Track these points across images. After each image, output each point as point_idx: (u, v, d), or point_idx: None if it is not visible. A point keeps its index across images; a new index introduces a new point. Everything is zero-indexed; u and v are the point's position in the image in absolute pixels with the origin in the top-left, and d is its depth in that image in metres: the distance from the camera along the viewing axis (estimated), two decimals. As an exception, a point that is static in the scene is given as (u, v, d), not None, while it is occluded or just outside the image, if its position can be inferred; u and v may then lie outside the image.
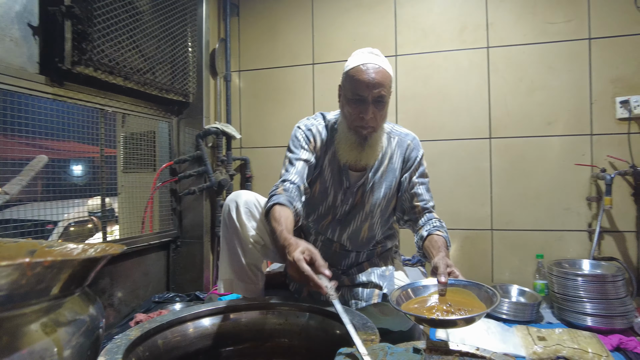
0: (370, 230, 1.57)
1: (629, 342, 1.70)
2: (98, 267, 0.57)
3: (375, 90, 1.35)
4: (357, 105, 1.38)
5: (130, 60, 2.01)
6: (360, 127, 1.40)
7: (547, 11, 2.38)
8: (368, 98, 1.35)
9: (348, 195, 1.53)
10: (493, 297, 1.06)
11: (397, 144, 1.57)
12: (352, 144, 1.44)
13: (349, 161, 1.46)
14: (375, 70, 1.35)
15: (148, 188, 2.40)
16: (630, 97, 2.24)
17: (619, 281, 1.91)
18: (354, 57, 1.43)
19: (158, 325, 1.23)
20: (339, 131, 1.50)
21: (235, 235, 1.51)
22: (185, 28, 2.44)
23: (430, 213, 1.49)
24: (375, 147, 1.47)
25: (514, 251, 2.42)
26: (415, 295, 1.19)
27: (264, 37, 2.85)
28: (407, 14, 2.60)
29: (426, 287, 1.20)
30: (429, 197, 1.52)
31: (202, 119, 2.57)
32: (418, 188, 1.52)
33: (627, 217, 2.27)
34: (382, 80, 1.36)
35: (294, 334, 1.36)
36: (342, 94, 1.45)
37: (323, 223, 1.58)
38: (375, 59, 1.39)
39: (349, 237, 1.57)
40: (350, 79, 1.38)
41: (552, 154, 2.37)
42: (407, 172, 1.55)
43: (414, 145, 1.58)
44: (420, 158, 1.57)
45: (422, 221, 1.47)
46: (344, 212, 1.55)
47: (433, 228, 1.41)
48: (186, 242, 2.56)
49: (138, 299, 2.25)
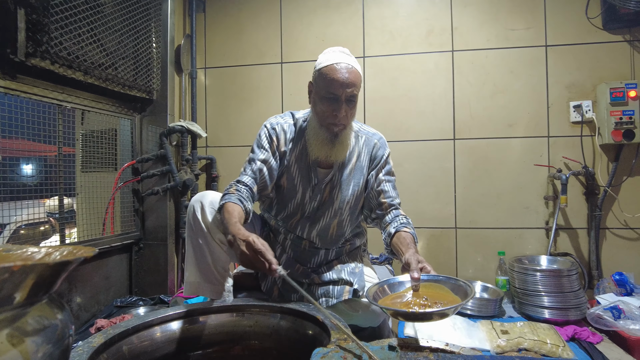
0: (339, 228, 1.59)
1: (583, 332, 1.79)
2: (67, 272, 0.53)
3: (349, 89, 1.38)
4: (330, 103, 1.41)
5: (91, 55, 1.92)
6: (333, 124, 1.44)
7: (508, 18, 2.48)
8: (341, 97, 1.39)
9: (316, 192, 1.55)
10: (467, 289, 1.09)
11: (364, 143, 1.60)
12: (323, 140, 1.47)
13: (320, 157, 1.49)
14: (349, 70, 1.39)
15: (109, 188, 2.30)
16: (582, 102, 2.37)
17: (573, 275, 2.01)
18: (326, 55, 1.46)
19: (123, 330, 1.18)
20: (309, 128, 1.52)
21: (201, 236, 1.47)
22: (150, 23, 2.36)
23: (397, 210, 1.53)
24: (345, 144, 1.50)
25: (477, 249, 2.51)
26: (391, 291, 1.21)
27: (231, 35, 2.80)
28: (375, 16, 2.63)
29: (402, 283, 1.22)
30: (395, 194, 1.56)
31: (166, 117, 2.49)
32: (384, 185, 1.55)
33: (579, 215, 2.40)
34: (354, 80, 1.40)
35: (265, 335, 1.35)
36: (314, 91, 1.47)
37: (292, 221, 1.58)
38: (347, 59, 1.42)
39: (318, 234, 1.57)
40: (323, 77, 1.40)
41: (513, 155, 2.47)
42: (373, 169, 1.59)
43: (381, 144, 1.62)
44: (387, 156, 1.61)
45: (389, 218, 1.50)
46: (312, 209, 1.56)
47: (400, 225, 1.44)
48: (149, 244, 2.47)
49: (99, 304, 2.16)
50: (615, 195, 2.36)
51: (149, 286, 2.45)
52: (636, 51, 2.35)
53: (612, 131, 2.26)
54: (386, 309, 1.07)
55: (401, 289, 1.21)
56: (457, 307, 1.02)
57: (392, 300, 1.16)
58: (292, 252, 1.60)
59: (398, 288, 1.22)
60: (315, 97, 1.47)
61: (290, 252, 1.61)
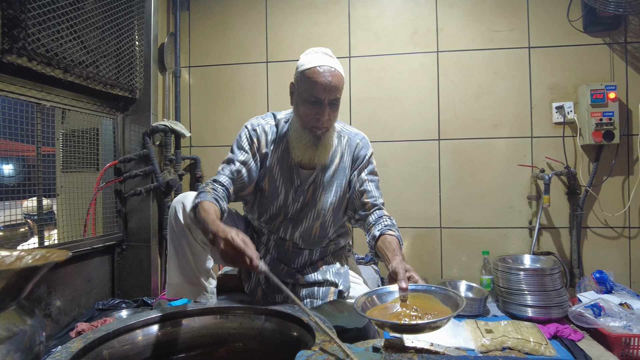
0: (322, 229, 1.58)
1: (564, 330, 1.83)
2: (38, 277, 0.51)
3: (332, 93, 1.38)
4: (313, 106, 1.40)
5: (71, 52, 1.87)
6: (316, 127, 1.43)
7: (492, 19, 2.50)
8: (324, 101, 1.39)
9: (299, 193, 1.54)
10: (458, 300, 1.07)
11: (347, 143, 1.60)
12: (306, 143, 1.46)
13: (303, 160, 1.48)
14: (332, 73, 1.39)
15: (90, 189, 2.25)
16: (564, 103, 2.41)
17: (556, 274, 2.04)
18: (308, 56, 1.45)
19: (103, 334, 1.15)
20: (292, 130, 1.51)
21: (183, 238, 1.45)
22: (132, 20, 2.32)
23: (380, 210, 1.51)
24: (328, 146, 1.50)
25: (461, 248, 2.52)
26: (380, 302, 1.18)
27: (216, 33, 2.77)
28: (361, 16, 2.63)
29: (391, 293, 1.19)
30: (379, 194, 1.55)
31: (149, 116, 2.45)
32: (367, 185, 1.54)
33: (562, 214, 2.44)
34: (338, 83, 1.40)
35: (250, 337, 1.33)
36: (296, 93, 1.46)
37: (275, 222, 1.57)
38: (330, 61, 1.41)
39: (301, 235, 1.57)
40: (306, 80, 1.39)
41: (497, 155, 2.50)
42: (356, 169, 1.58)
43: (363, 144, 1.61)
44: (370, 156, 1.60)
45: (373, 219, 1.48)
46: (295, 211, 1.55)
47: (385, 227, 1.42)
48: (132, 246, 2.43)
49: (80, 307, 2.11)
50: (595, 194, 2.40)
51: (132, 288, 2.41)
52: (615, 54, 2.40)
53: (593, 132, 2.30)
54: (375, 320, 1.04)
55: (390, 299, 1.17)
56: (449, 318, 0.99)
57: (381, 310, 1.13)
58: (275, 253, 1.60)
59: (387, 298, 1.18)
60: (297, 99, 1.46)
61: (274, 252, 1.60)
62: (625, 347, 1.67)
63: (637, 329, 1.73)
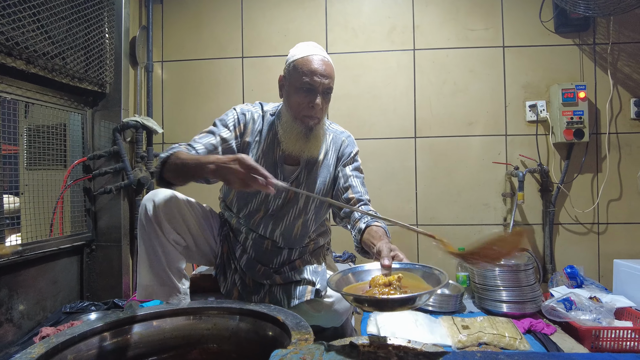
0: (304, 227, 1.55)
1: (538, 324, 1.86)
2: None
3: (326, 80, 1.39)
4: (306, 94, 1.39)
5: (34, 42, 1.78)
6: (309, 116, 1.41)
7: (468, 18, 2.53)
8: (318, 88, 1.38)
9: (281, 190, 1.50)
10: (440, 276, 1.03)
11: (332, 141, 1.59)
12: (298, 134, 1.44)
13: (294, 152, 1.45)
14: (325, 62, 1.40)
15: (57, 187, 2.15)
16: (537, 102, 2.46)
17: (529, 270, 2.07)
18: (299, 48, 1.45)
19: (68, 338, 1.10)
20: (282, 122, 1.48)
21: (154, 237, 1.41)
22: (102, 12, 2.24)
23: (367, 205, 1.49)
24: (319, 138, 1.48)
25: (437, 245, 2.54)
26: (356, 280, 1.13)
27: (190, 27, 2.70)
28: (338, 12, 2.62)
29: (368, 271, 1.15)
30: (364, 190, 1.54)
31: (120, 112, 2.37)
32: (353, 181, 1.53)
33: (535, 211, 2.49)
34: (331, 72, 1.41)
35: (224, 338, 1.30)
36: (287, 84, 1.45)
37: (255, 218, 1.53)
38: (322, 52, 1.43)
39: (281, 233, 1.53)
40: (299, 69, 1.39)
41: (472, 153, 2.53)
42: (340, 166, 1.57)
43: (349, 142, 1.61)
44: (355, 154, 1.60)
45: (358, 214, 1.47)
46: (276, 207, 1.51)
47: (371, 220, 1.41)
48: (102, 246, 2.34)
49: (45, 311, 2.02)
50: (567, 192, 2.46)
51: (102, 290, 2.33)
52: (585, 54, 2.46)
53: (564, 130, 2.35)
54: (347, 294, 0.98)
55: (367, 278, 1.11)
56: (425, 294, 0.93)
57: (356, 288, 1.08)
58: (253, 252, 1.55)
59: (364, 277, 1.14)
60: (289, 89, 1.43)
61: (252, 252, 1.55)
62: (595, 339, 1.71)
63: (605, 321, 1.77)
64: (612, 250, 2.43)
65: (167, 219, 1.41)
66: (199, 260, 1.64)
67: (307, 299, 1.43)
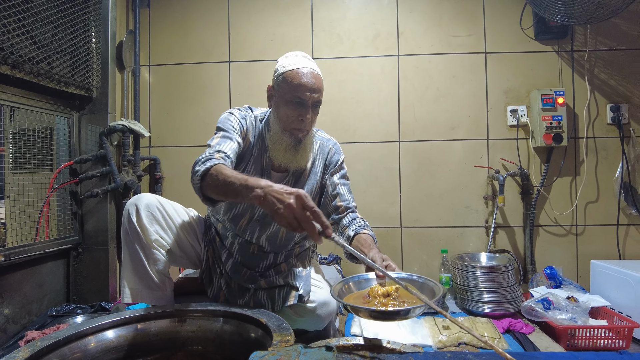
0: (289, 232, 1.57)
1: (517, 324, 1.91)
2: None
3: (315, 94, 1.40)
4: (296, 108, 1.40)
5: (20, 47, 1.79)
6: (298, 129, 1.43)
7: (451, 25, 2.59)
8: (308, 102, 1.39)
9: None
10: (435, 288, 1.08)
11: (319, 149, 1.61)
12: (287, 146, 1.45)
13: (283, 163, 1.48)
14: (315, 75, 1.41)
15: (44, 190, 2.16)
16: (518, 107, 2.52)
17: (510, 271, 2.13)
18: (288, 59, 1.45)
19: (53, 342, 1.12)
20: (271, 132, 1.49)
21: (137, 241, 1.43)
22: (88, 16, 2.24)
23: (354, 212, 1.52)
24: (308, 150, 1.51)
25: (421, 247, 2.59)
26: (357, 289, 1.19)
27: (177, 31, 2.72)
28: (323, 18, 2.65)
29: (368, 280, 1.20)
30: (351, 197, 1.57)
31: (106, 115, 2.38)
32: (340, 189, 1.56)
33: (515, 213, 2.55)
34: (320, 85, 1.42)
35: (208, 340, 1.33)
36: (277, 95, 1.45)
37: (241, 223, 1.54)
38: (311, 64, 1.44)
39: (267, 238, 1.55)
40: (289, 82, 1.39)
41: (455, 157, 2.58)
42: (328, 174, 1.59)
43: (335, 150, 1.63)
44: (341, 161, 1.63)
45: (346, 221, 1.49)
46: (262, 213, 1.53)
47: (359, 227, 1.43)
48: (89, 249, 2.35)
49: (30, 314, 2.02)
50: (546, 194, 2.52)
51: (89, 293, 2.33)
52: (563, 61, 2.53)
53: (544, 135, 2.41)
54: (351, 306, 1.04)
55: (367, 287, 1.18)
56: (423, 306, 0.98)
57: (356, 297, 1.14)
58: (239, 257, 1.57)
59: (364, 285, 1.19)
60: (278, 100, 1.44)
61: (238, 256, 1.57)
62: (570, 338, 1.77)
63: (581, 320, 1.83)
64: (589, 251, 2.50)
65: (149, 223, 1.43)
66: (184, 264, 1.65)
67: (290, 303, 1.45)
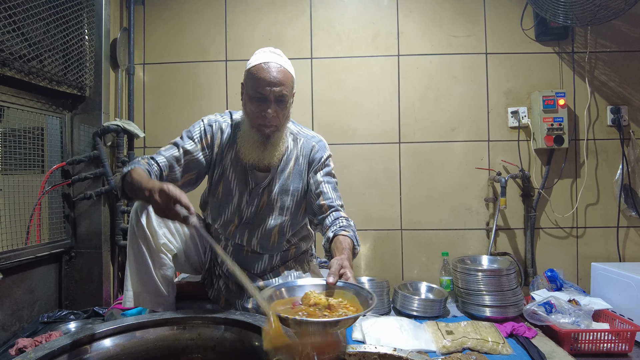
0: (281, 234, 1.54)
1: (519, 328, 1.89)
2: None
3: (277, 88, 1.36)
4: (259, 103, 1.38)
5: (10, 45, 1.73)
6: (263, 125, 1.40)
7: (451, 25, 2.56)
8: (270, 96, 1.37)
9: (253, 196, 1.50)
10: (370, 299, 1.01)
11: (302, 146, 1.57)
12: (254, 142, 1.43)
13: (252, 160, 1.45)
14: (277, 69, 1.38)
15: (35, 192, 2.09)
16: (519, 108, 2.51)
17: (512, 274, 2.11)
18: (256, 55, 1.44)
19: (47, 353, 1.07)
20: (241, 130, 1.48)
21: (145, 244, 1.40)
22: (81, 13, 2.18)
23: (337, 212, 1.46)
24: (278, 146, 1.47)
25: (421, 249, 2.56)
26: (288, 295, 1.11)
27: (172, 29, 2.66)
28: (322, 17, 2.61)
29: (302, 287, 1.13)
30: (336, 196, 1.51)
31: (100, 115, 2.32)
32: (323, 187, 1.50)
33: (516, 216, 2.53)
34: (283, 79, 1.38)
35: (208, 348, 1.30)
36: (245, 91, 1.45)
37: (230, 229, 1.53)
38: (277, 59, 1.41)
39: (258, 241, 1.53)
40: (252, 77, 1.38)
41: (455, 158, 2.56)
42: (311, 172, 1.55)
43: (319, 147, 1.58)
44: (326, 158, 1.57)
45: (329, 221, 1.44)
46: (250, 214, 1.51)
47: (339, 229, 1.37)
48: (82, 253, 2.29)
49: (21, 321, 1.95)
50: (547, 197, 2.51)
51: (82, 298, 2.27)
52: (564, 62, 2.52)
53: (545, 136, 2.40)
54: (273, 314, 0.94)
55: (300, 294, 1.10)
56: (352, 318, 0.93)
57: (285, 305, 1.06)
58: (234, 259, 1.54)
59: (297, 292, 1.12)
60: (245, 97, 1.44)
61: (233, 258, 1.54)
62: (574, 341, 1.76)
63: (584, 324, 1.81)
64: (589, 253, 2.49)
65: (158, 226, 1.42)
66: (186, 269, 1.64)
67: (289, 306, 1.43)
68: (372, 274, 2.54)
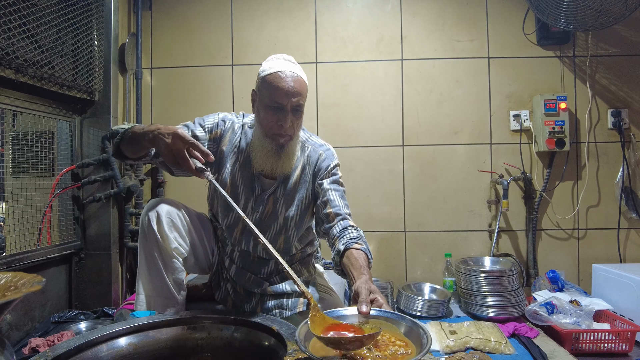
0: (286, 243, 1.53)
1: (521, 328, 1.92)
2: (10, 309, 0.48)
3: (294, 99, 1.34)
4: (275, 113, 1.36)
5: (24, 51, 1.77)
6: (279, 135, 1.39)
7: (454, 30, 2.60)
8: (287, 106, 1.34)
9: (259, 203, 1.48)
10: (423, 337, 0.88)
11: (309, 155, 1.55)
12: (268, 152, 1.41)
13: (265, 170, 1.43)
14: (294, 78, 1.35)
15: (45, 195, 2.13)
16: (521, 112, 2.54)
17: (514, 275, 2.14)
18: (269, 62, 1.41)
19: (64, 351, 1.10)
20: (254, 138, 1.46)
21: (156, 248, 1.40)
22: (91, 19, 2.22)
23: (345, 220, 1.42)
24: (292, 156, 1.45)
25: (425, 251, 2.60)
26: None
27: (179, 34, 2.71)
28: (327, 22, 2.65)
29: (344, 317, 1.01)
30: (344, 204, 1.46)
31: (109, 119, 2.36)
32: (330, 194, 1.47)
33: (518, 218, 2.57)
34: (300, 89, 1.36)
35: (218, 348, 1.32)
36: (258, 99, 1.42)
37: (235, 233, 1.51)
38: (292, 67, 1.38)
39: (265, 249, 1.51)
40: (268, 86, 1.35)
41: (458, 161, 2.59)
42: (318, 180, 1.53)
43: (327, 156, 1.55)
44: (333, 167, 1.53)
45: (337, 230, 1.39)
46: (255, 222, 1.47)
47: (350, 241, 1.32)
48: (91, 254, 2.33)
49: (33, 321, 1.99)
50: (549, 199, 2.54)
51: (91, 298, 2.31)
52: (565, 66, 2.55)
53: (546, 139, 2.43)
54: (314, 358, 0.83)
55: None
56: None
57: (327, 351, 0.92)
58: (241, 263, 1.55)
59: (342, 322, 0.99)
60: (259, 105, 1.41)
61: (239, 262, 1.55)
62: (575, 341, 1.78)
63: (585, 324, 1.84)
64: (590, 254, 2.52)
65: (169, 230, 1.41)
66: (195, 271, 1.64)
67: (300, 310, 1.45)
68: (376, 274, 2.57)
